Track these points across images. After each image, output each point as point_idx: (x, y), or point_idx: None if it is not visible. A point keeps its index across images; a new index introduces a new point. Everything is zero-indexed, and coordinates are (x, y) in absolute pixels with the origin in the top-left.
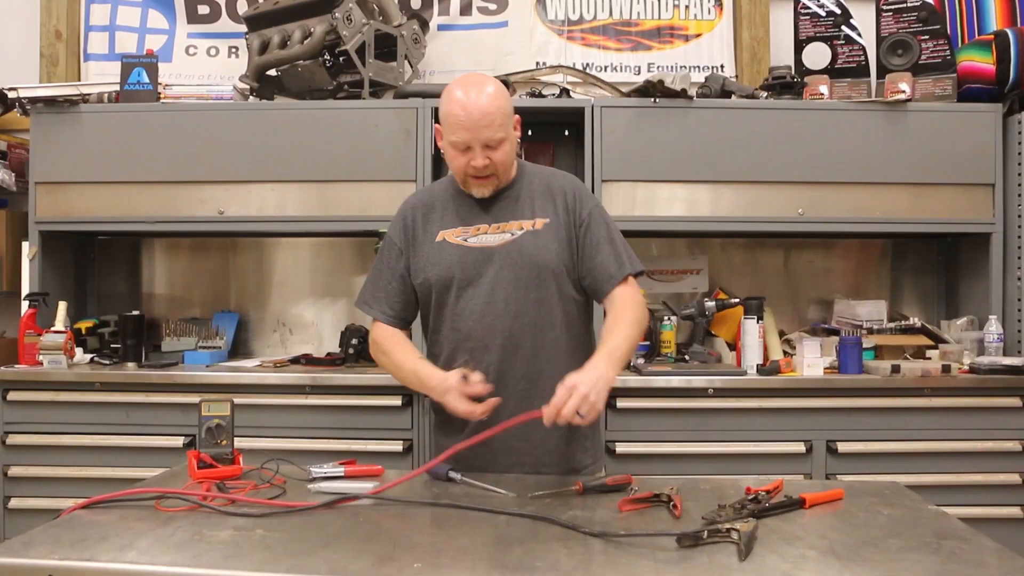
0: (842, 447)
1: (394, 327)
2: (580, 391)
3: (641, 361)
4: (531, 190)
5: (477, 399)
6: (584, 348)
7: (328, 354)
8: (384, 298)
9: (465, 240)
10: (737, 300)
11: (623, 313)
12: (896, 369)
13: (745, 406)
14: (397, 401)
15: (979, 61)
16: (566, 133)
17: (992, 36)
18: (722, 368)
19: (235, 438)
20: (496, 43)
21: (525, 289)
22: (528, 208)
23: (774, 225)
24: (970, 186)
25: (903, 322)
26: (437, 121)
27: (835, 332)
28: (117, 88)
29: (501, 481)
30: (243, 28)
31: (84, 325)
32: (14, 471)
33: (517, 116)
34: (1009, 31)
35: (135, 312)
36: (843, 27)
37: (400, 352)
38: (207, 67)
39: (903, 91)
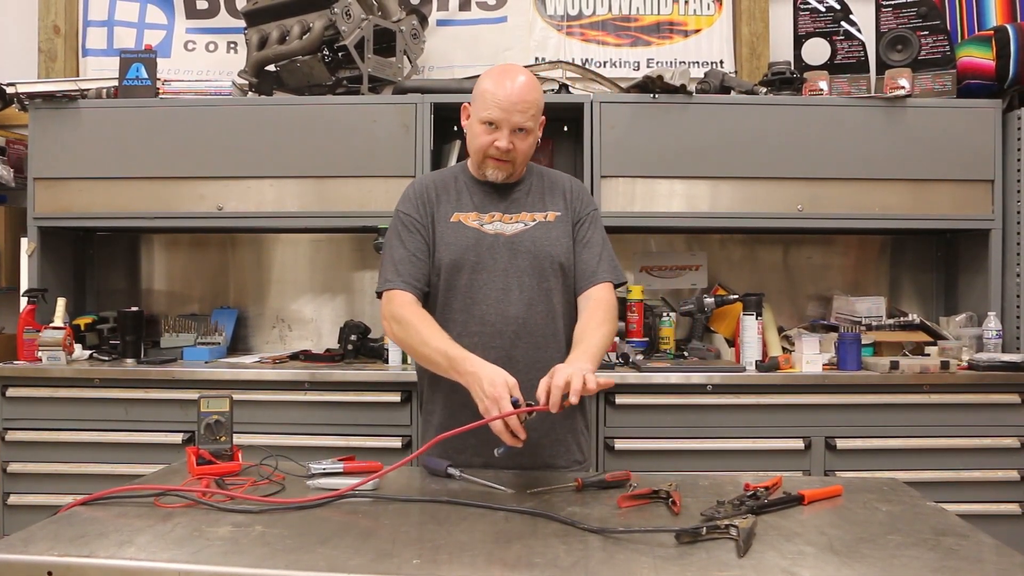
0: (841, 443)
1: (412, 295)
2: (563, 374)
3: (640, 357)
4: (541, 186)
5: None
6: None
7: (327, 350)
8: (404, 270)
9: (481, 225)
10: (736, 296)
11: (595, 314)
12: (895, 365)
13: (744, 402)
14: (396, 397)
15: (979, 57)
16: (565, 129)
17: (992, 32)
18: (721, 364)
19: (234, 434)
20: (495, 38)
21: (538, 279)
22: (539, 201)
23: (773, 221)
24: (969, 182)
25: (902, 318)
26: (439, 114)
27: (834, 328)
28: (116, 83)
29: (500, 477)
30: (242, 23)
31: (83, 321)
32: (13, 467)
33: (543, 117)
34: (1009, 27)
35: (134, 308)
36: (842, 23)
37: (426, 328)
38: (206, 62)
39: (902, 87)
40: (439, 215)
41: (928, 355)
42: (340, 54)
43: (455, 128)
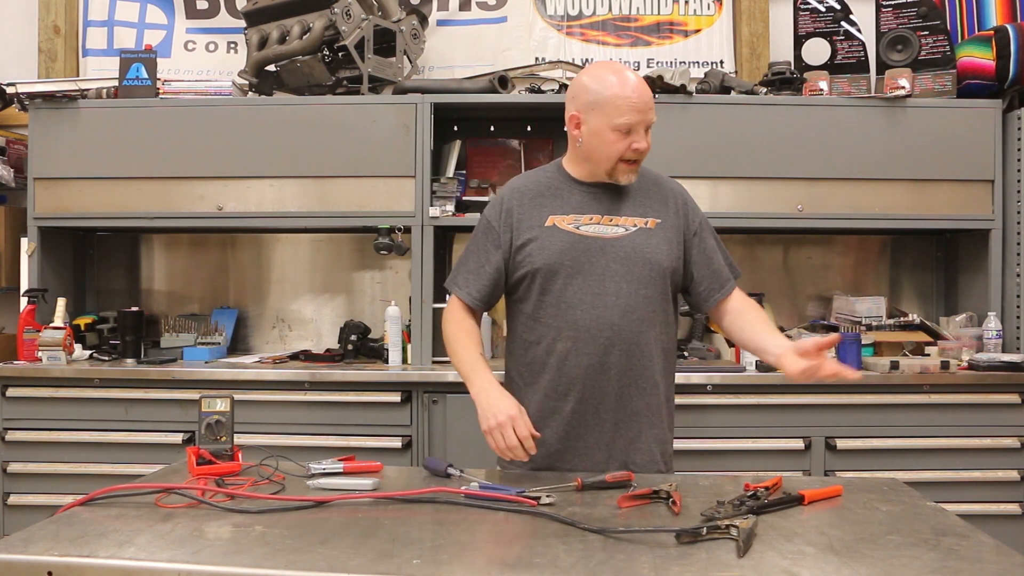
0: (841, 444)
1: (473, 308)
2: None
3: None
4: (641, 187)
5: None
6: (673, 351)
7: (327, 350)
8: (472, 279)
9: (577, 228)
10: None
11: (761, 312)
12: (895, 366)
13: (744, 403)
14: (396, 397)
15: (979, 57)
16: (565, 129)
17: (992, 32)
18: (721, 365)
19: (234, 434)
20: (495, 38)
21: (636, 285)
22: (640, 205)
23: (773, 221)
24: (969, 182)
25: (902, 318)
26: (439, 114)
27: (834, 328)
28: (116, 83)
29: (500, 477)
30: (242, 23)
31: (83, 321)
32: (13, 467)
33: None
34: (1009, 27)
35: (134, 308)
36: (843, 23)
37: (464, 340)
38: (206, 62)
39: (902, 87)
40: (531, 220)
41: (928, 355)
42: (340, 54)
43: (455, 128)
